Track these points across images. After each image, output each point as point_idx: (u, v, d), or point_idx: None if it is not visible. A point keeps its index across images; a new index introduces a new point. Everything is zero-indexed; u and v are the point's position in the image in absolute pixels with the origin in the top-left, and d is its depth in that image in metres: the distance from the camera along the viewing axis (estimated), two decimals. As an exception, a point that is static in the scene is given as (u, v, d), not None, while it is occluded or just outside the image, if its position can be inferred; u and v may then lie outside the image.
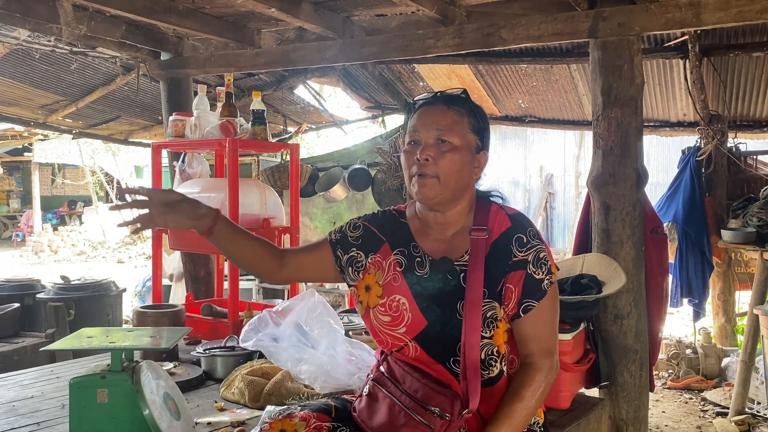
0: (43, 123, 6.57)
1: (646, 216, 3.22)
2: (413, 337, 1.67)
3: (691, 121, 5.63)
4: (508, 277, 1.65)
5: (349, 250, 1.79)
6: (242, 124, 3.34)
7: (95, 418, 1.81)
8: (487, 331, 1.64)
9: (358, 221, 1.83)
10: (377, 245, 1.77)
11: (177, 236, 3.41)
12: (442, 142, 1.66)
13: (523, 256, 1.66)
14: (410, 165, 1.69)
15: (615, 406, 3.14)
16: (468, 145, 1.69)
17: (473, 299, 1.63)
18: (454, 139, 1.67)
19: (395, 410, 1.62)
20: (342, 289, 6.01)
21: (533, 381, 1.63)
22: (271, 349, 2.50)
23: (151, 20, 3.66)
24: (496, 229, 1.70)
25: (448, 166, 1.66)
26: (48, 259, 15.11)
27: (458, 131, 1.68)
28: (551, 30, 3.20)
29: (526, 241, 1.67)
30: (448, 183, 1.66)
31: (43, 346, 2.79)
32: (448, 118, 1.68)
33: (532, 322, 1.66)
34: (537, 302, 1.65)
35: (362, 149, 6.57)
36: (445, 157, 1.65)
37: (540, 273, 1.66)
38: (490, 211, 1.73)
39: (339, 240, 1.81)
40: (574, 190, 10.74)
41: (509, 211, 1.74)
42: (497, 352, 1.66)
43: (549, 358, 1.66)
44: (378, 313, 1.72)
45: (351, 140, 9.03)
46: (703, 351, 5.31)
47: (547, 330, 1.68)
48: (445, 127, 1.67)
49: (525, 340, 1.67)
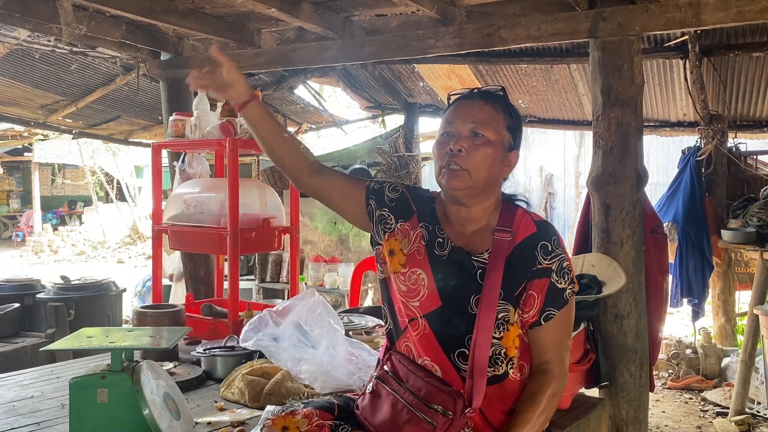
0: (43, 123, 6.57)
1: (646, 216, 3.22)
2: (425, 314, 1.68)
3: (691, 121, 5.63)
4: (531, 284, 1.66)
5: (382, 207, 1.79)
6: (242, 124, 3.34)
7: (95, 418, 1.81)
8: (498, 332, 1.65)
9: (398, 185, 1.83)
10: (409, 214, 1.77)
11: (177, 236, 3.41)
12: (476, 135, 1.66)
13: (547, 264, 1.67)
14: (442, 155, 1.69)
15: (615, 406, 3.14)
16: (501, 141, 1.69)
17: (489, 299, 1.63)
18: (489, 133, 1.67)
19: (398, 407, 1.63)
20: (342, 289, 6.01)
21: (549, 388, 1.65)
22: (271, 349, 2.50)
23: (151, 20, 3.66)
24: (520, 233, 1.70)
25: (480, 160, 1.65)
26: (48, 259, 15.12)
27: (494, 126, 1.68)
28: (551, 30, 3.20)
29: (551, 249, 1.68)
30: (478, 177, 1.66)
31: (43, 346, 2.78)
32: (485, 113, 1.68)
33: (551, 330, 1.68)
34: (558, 311, 1.67)
35: (362, 149, 6.58)
36: (478, 150, 1.65)
37: (563, 282, 1.67)
38: (516, 214, 1.73)
39: (376, 191, 1.81)
40: (574, 190, 10.74)
41: (535, 218, 1.74)
42: (505, 353, 1.67)
43: (562, 364, 1.69)
44: (398, 281, 1.73)
45: (351, 140, 9.04)
46: (703, 351, 5.31)
47: (563, 338, 1.71)
48: (482, 121, 1.67)
49: (542, 348, 1.69)
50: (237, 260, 3.23)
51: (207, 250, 4.00)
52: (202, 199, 3.34)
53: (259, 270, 6.87)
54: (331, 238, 7.08)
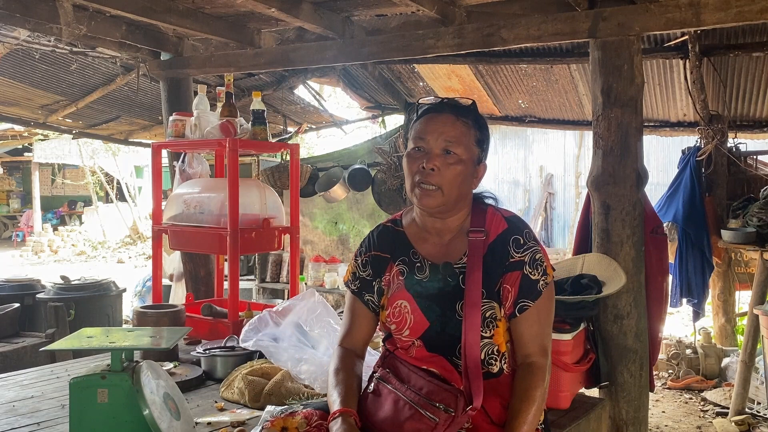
0: (43, 123, 6.57)
1: (646, 216, 3.22)
2: (417, 338, 1.72)
3: (691, 121, 5.63)
4: (505, 278, 1.69)
5: (372, 286, 1.82)
6: (242, 124, 3.34)
7: (95, 418, 1.81)
8: (487, 331, 1.68)
9: (363, 257, 1.85)
10: (384, 266, 1.81)
11: (177, 236, 3.41)
12: (448, 153, 1.68)
13: (519, 257, 1.69)
14: (414, 172, 1.70)
15: (615, 406, 3.14)
16: (471, 157, 1.72)
17: (472, 299, 1.66)
18: (461, 150, 1.69)
19: (400, 404, 1.64)
20: (342, 290, 6.01)
21: (540, 381, 1.66)
22: (271, 349, 2.50)
23: (151, 20, 3.66)
24: (492, 231, 1.73)
25: (452, 178, 1.68)
26: (48, 259, 15.12)
27: (465, 143, 1.70)
28: (551, 30, 3.20)
29: (522, 243, 1.71)
30: (450, 194, 1.69)
31: (43, 346, 2.79)
32: (457, 130, 1.69)
33: (528, 321, 1.69)
34: (533, 302, 1.68)
35: (362, 149, 6.57)
36: (450, 168, 1.67)
37: (536, 274, 1.69)
38: (486, 213, 1.77)
39: (361, 287, 1.84)
40: (574, 190, 10.74)
41: (505, 214, 1.78)
42: (498, 351, 1.70)
43: (546, 356, 1.70)
44: (388, 324, 1.77)
45: (351, 140, 9.04)
46: (703, 351, 5.31)
47: (544, 330, 1.72)
48: (454, 138, 1.68)
49: (522, 340, 1.70)
50: (237, 260, 3.23)
51: (207, 250, 4.00)
52: (202, 199, 3.34)
53: (259, 270, 6.88)
54: (331, 238, 7.08)
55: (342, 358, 1.79)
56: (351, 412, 1.63)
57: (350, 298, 1.87)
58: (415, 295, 1.73)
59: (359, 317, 1.85)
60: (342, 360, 1.79)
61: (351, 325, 1.85)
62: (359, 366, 1.82)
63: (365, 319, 1.84)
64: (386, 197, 6.02)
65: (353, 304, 1.86)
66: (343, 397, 1.67)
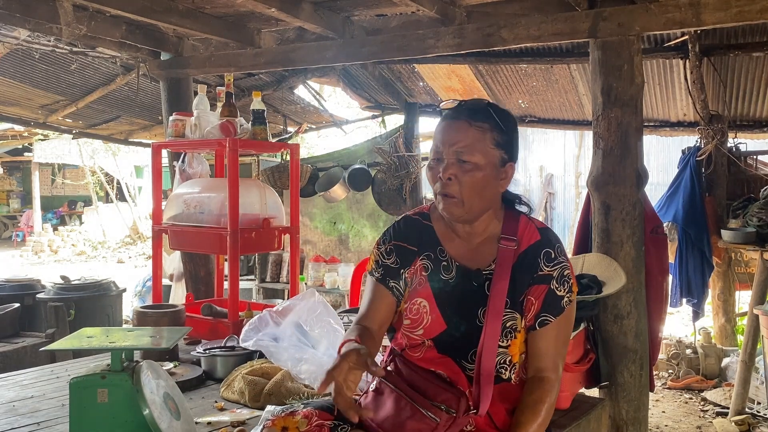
0: (43, 123, 6.56)
1: (646, 216, 3.22)
2: (430, 338, 1.70)
3: (691, 121, 5.63)
4: (531, 290, 1.68)
5: (399, 274, 1.76)
6: (242, 124, 3.34)
7: (95, 418, 1.81)
8: (505, 341, 1.66)
9: (387, 245, 1.79)
10: (411, 258, 1.76)
11: (177, 236, 3.41)
12: (462, 162, 1.65)
13: (548, 271, 1.68)
14: (435, 181, 1.69)
15: (615, 406, 3.14)
16: (491, 161, 1.67)
17: (496, 308, 1.65)
18: (476, 157, 1.65)
19: (401, 403, 1.64)
20: (342, 289, 6.01)
21: (548, 397, 1.65)
22: (271, 349, 2.50)
23: (151, 20, 3.66)
24: (524, 241, 1.71)
25: (471, 186, 1.65)
26: (48, 259, 15.11)
27: (480, 149, 1.65)
28: (551, 30, 3.20)
29: (553, 257, 1.69)
30: (471, 202, 1.66)
31: (43, 346, 2.78)
32: (470, 137, 1.65)
33: (546, 336, 1.68)
34: (554, 318, 1.67)
35: (362, 149, 6.56)
36: (467, 175, 1.64)
37: (562, 290, 1.68)
38: (519, 221, 1.74)
39: (385, 273, 1.77)
40: (574, 190, 10.75)
41: (539, 225, 1.75)
42: (510, 361, 1.69)
43: (557, 373, 1.69)
44: (403, 317, 1.74)
45: (351, 140, 9.03)
46: (703, 351, 5.31)
47: (560, 346, 1.71)
48: (465, 147, 1.64)
49: (537, 354, 1.69)
50: (237, 260, 3.23)
51: (207, 250, 4.00)
52: (202, 199, 3.34)
53: (259, 270, 6.88)
54: (331, 238, 7.08)
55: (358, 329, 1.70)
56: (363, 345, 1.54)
57: (372, 283, 1.78)
58: (436, 295, 1.70)
59: (380, 301, 1.75)
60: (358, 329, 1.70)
61: (370, 307, 1.76)
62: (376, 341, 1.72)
63: (385, 304, 1.75)
64: (386, 197, 6.02)
65: (375, 289, 1.77)
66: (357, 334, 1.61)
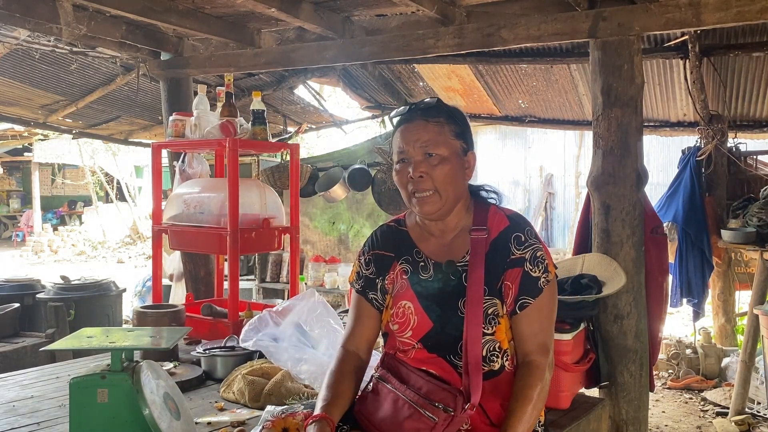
0: (43, 123, 6.56)
1: (646, 216, 3.21)
2: (419, 340, 1.72)
3: (691, 121, 5.63)
4: (507, 275, 1.70)
5: (375, 284, 1.83)
6: (242, 124, 3.34)
7: (95, 418, 1.81)
8: (489, 328, 1.68)
9: (366, 256, 1.86)
10: (388, 264, 1.82)
11: (177, 236, 3.41)
12: (430, 156, 1.70)
13: (520, 254, 1.70)
14: (405, 183, 1.73)
15: (615, 406, 3.14)
16: (455, 151, 1.73)
17: (474, 296, 1.67)
18: (441, 150, 1.70)
19: (399, 404, 1.65)
20: (342, 289, 6.01)
21: (538, 380, 1.65)
22: (271, 349, 2.50)
23: (151, 20, 3.66)
24: (494, 229, 1.74)
25: (443, 177, 1.70)
26: (48, 259, 15.11)
27: (443, 141, 1.71)
28: (551, 30, 3.20)
29: (524, 240, 1.72)
30: (447, 194, 1.71)
31: (43, 346, 2.78)
32: (430, 132, 1.71)
33: (528, 319, 1.69)
34: (533, 299, 1.69)
35: (362, 149, 6.57)
36: (436, 169, 1.69)
37: (537, 271, 1.70)
38: (488, 211, 1.78)
39: (365, 285, 1.84)
40: (574, 190, 10.74)
41: (507, 212, 1.79)
42: (499, 347, 1.70)
43: (546, 355, 1.69)
44: (390, 324, 1.78)
45: (351, 140, 9.04)
46: (703, 351, 5.31)
47: (544, 327, 1.71)
48: (429, 141, 1.70)
49: (522, 338, 1.70)
50: (237, 260, 3.23)
51: (207, 250, 4.00)
52: (202, 199, 3.34)
53: (259, 270, 6.88)
54: (331, 238, 7.08)
55: (340, 361, 1.78)
56: (329, 419, 1.61)
57: (355, 297, 1.87)
58: (418, 296, 1.73)
59: (363, 317, 1.84)
60: (339, 363, 1.78)
61: (355, 325, 1.85)
62: (359, 370, 1.80)
63: (369, 319, 1.83)
64: (386, 197, 6.02)
65: (358, 303, 1.85)
66: (326, 403, 1.66)
